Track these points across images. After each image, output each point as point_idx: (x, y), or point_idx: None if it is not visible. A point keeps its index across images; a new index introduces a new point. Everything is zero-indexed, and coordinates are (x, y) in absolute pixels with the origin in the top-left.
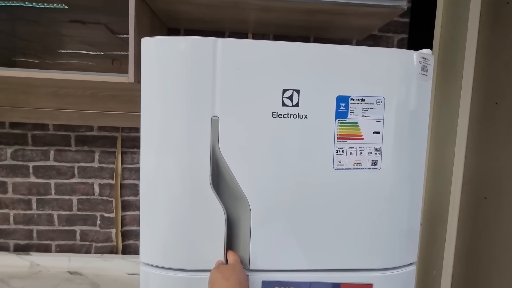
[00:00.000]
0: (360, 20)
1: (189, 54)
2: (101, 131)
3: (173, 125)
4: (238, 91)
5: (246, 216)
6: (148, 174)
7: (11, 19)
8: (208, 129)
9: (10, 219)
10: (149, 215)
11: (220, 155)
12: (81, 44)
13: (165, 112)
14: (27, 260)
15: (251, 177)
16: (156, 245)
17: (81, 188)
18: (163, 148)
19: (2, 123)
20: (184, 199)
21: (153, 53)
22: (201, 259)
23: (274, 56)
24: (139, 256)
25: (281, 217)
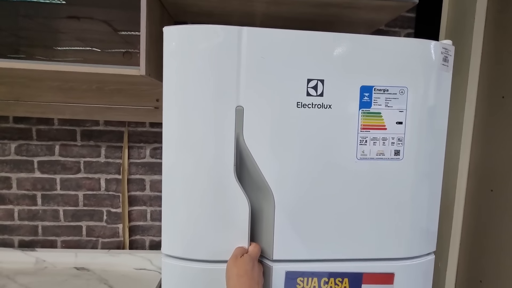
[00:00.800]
0: (369, 14)
1: (214, 43)
2: (107, 125)
3: (197, 116)
4: (262, 81)
5: (269, 207)
6: (170, 166)
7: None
8: (233, 119)
9: (15, 215)
10: (171, 207)
11: (245, 145)
12: (78, 41)
13: (188, 102)
14: (33, 256)
15: (275, 168)
16: (177, 236)
17: (87, 183)
18: (186, 139)
19: (5, 118)
20: (207, 190)
21: (176, 42)
22: (224, 250)
23: (299, 46)
24: (161, 248)
25: (305, 207)
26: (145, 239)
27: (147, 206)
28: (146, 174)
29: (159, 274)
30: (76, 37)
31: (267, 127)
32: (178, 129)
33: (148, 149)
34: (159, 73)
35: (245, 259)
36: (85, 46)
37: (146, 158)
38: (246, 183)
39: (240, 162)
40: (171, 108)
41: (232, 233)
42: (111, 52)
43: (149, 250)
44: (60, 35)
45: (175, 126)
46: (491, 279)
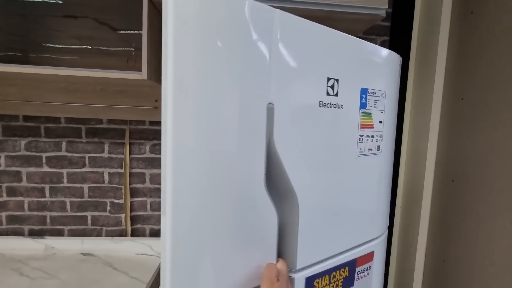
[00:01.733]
0: (346, 25)
1: (246, 21)
2: (110, 124)
3: (223, 113)
4: (291, 75)
5: (294, 216)
6: (185, 174)
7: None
8: (264, 119)
9: (25, 206)
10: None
11: (275, 149)
12: (74, 39)
13: (211, 95)
14: (42, 243)
15: (302, 173)
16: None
17: (91, 176)
18: (204, 142)
19: (16, 117)
20: (232, 203)
21: (193, 8)
22: (252, 274)
23: (323, 41)
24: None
25: (324, 210)
26: (145, 227)
27: (147, 198)
28: (146, 168)
29: (158, 259)
30: (72, 35)
31: (295, 128)
32: (195, 130)
33: (148, 145)
34: (158, 77)
35: (283, 284)
36: (81, 44)
37: (146, 154)
38: (274, 191)
39: (268, 168)
40: (182, 103)
41: (260, 251)
42: (107, 50)
43: (149, 237)
44: (56, 33)
45: (189, 126)
46: (452, 258)
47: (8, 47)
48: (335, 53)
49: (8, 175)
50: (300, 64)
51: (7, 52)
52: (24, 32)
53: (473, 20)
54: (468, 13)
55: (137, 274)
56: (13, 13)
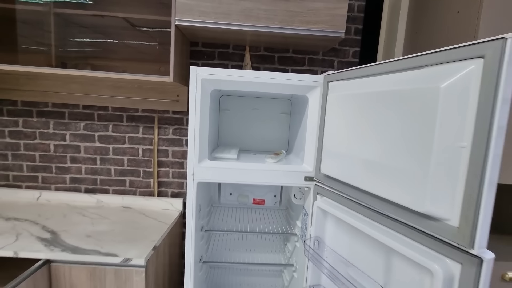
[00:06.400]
0: (316, 43)
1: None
2: (144, 112)
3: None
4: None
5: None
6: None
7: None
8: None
9: (82, 171)
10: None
11: None
12: (100, 34)
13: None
14: (94, 198)
15: None
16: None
17: (130, 151)
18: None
19: (77, 105)
20: None
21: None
22: None
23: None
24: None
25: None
26: (168, 190)
27: (169, 168)
28: (169, 146)
29: (177, 212)
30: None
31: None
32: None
33: (171, 129)
34: (181, 79)
35: None
36: (105, 39)
37: (170, 135)
38: None
39: None
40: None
41: None
42: (128, 43)
43: (170, 197)
44: (83, 29)
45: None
46: None
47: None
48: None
49: (71, 148)
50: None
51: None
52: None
53: (417, 38)
54: (413, 33)
55: (163, 219)
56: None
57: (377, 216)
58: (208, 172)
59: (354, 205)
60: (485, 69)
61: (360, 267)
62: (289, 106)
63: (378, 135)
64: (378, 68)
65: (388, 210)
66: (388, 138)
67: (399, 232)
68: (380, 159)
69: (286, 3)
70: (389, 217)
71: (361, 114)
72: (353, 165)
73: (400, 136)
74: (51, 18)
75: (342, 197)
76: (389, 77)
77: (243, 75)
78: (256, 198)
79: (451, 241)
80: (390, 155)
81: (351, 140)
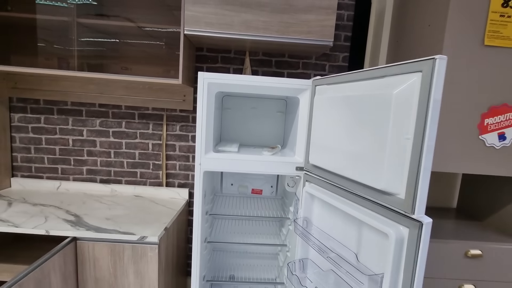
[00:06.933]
0: (309, 49)
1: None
2: (154, 110)
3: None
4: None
5: None
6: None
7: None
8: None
9: (98, 163)
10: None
11: None
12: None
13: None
14: (109, 187)
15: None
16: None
17: (141, 145)
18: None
19: (94, 104)
20: None
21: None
22: None
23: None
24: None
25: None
26: (175, 181)
27: (176, 161)
28: (176, 141)
29: (183, 200)
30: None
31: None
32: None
33: (178, 126)
34: (188, 81)
35: None
36: (100, 34)
37: (177, 131)
38: None
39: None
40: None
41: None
42: (125, 38)
43: (177, 187)
44: (101, 35)
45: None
46: None
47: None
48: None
49: (87, 142)
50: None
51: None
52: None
53: (398, 46)
54: (395, 41)
55: (171, 206)
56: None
57: (350, 196)
58: (212, 162)
59: (334, 188)
60: (422, 80)
61: (339, 239)
62: (284, 106)
63: (351, 130)
64: (352, 76)
65: (357, 189)
66: (358, 133)
67: (365, 207)
68: (353, 150)
69: (282, 15)
70: (359, 196)
71: (339, 113)
72: (333, 155)
73: (366, 130)
74: (74, 26)
75: (325, 182)
76: (360, 84)
77: (244, 79)
78: (254, 188)
79: (400, 210)
80: (359, 146)
81: (332, 135)
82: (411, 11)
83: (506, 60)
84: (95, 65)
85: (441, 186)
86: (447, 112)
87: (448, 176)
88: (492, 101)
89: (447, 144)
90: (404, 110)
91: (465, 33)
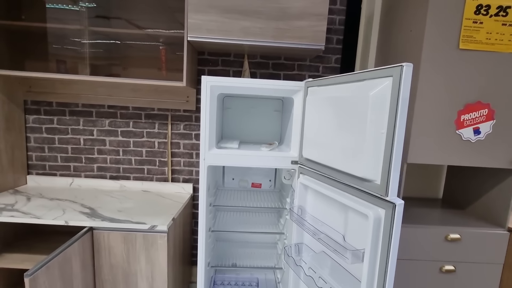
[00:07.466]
0: (300, 53)
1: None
2: (159, 111)
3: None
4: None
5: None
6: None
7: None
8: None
9: (108, 160)
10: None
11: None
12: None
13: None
14: (118, 183)
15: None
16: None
17: (147, 143)
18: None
19: (103, 105)
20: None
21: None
22: None
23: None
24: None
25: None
26: (180, 176)
27: (181, 158)
28: (181, 139)
29: (188, 194)
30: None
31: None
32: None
33: (182, 125)
34: (191, 83)
35: None
36: (109, 40)
37: (181, 130)
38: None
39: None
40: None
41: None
42: (131, 43)
43: (182, 182)
44: (111, 41)
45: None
46: None
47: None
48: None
49: (98, 141)
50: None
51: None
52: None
53: (385, 49)
54: (383, 44)
55: (177, 200)
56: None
57: (338, 184)
58: (215, 158)
59: (324, 179)
60: (393, 83)
61: (329, 224)
62: (281, 105)
63: (338, 126)
64: (338, 79)
65: (344, 178)
66: (343, 129)
67: (350, 193)
68: (339, 144)
69: (277, 22)
70: (344, 184)
71: (327, 111)
72: (323, 149)
73: (349, 127)
74: (86, 34)
75: (317, 174)
76: (344, 86)
77: (242, 82)
78: (254, 182)
79: (376, 194)
80: (344, 140)
81: (322, 131)
82: (396, 17)
83: (479, 61)
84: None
85: (428, 179)
86: (427, 109)
87: (434, 169)
88: (467, 99)
89: (428, 138)
90: (379, 109)
91: (442, 38)
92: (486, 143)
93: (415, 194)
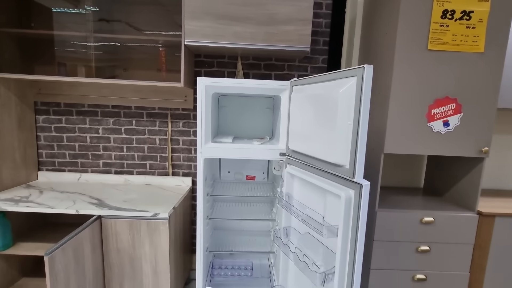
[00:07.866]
0: (287, 54)
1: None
2: (160, 110)
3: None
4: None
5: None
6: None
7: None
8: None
9: (112, 157)
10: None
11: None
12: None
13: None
14: (122, 178)
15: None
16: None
17: (149, 140)
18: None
19: (107, 105)
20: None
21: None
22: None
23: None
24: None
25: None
26: (179, 171)
27: (180, 153)
28: (180, 136)
29: (187, 187)
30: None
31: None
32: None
33: (180, 123)
34: (189, 84)
35: None
36: (110, 42)
37: (180, 127)
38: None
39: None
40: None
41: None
42: (132, 46)
43: (182, 176)
44: (114, 45)
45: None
46: None
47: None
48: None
49: (103, 139)
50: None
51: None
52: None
53: (366, 50)
54: (365, 45)
55: (177, 191)
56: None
57: (318, 171)
58: (211, 151)
59: (307, 167)
60: (357, 82)
61: (312, 207)
62: (272, 103)
63: (316, 120)
64: (316, 79)
65: (322, 165)
66: (321, 121)
67: (327, 178)
68: (318, 135)
69: (266, 27)
70: (323, 170)
71: (308, 107)
72: (305, 140)
73: (325, 119)
74: (92, 40)
75: (301, 163)
76: (320, 85)
77: (234, 82)
78: (248, 174)
79: (346, 176)
80: (321, 132)
81: (304, 125)
82: (374, 21)
83: (446, 61)
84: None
85: (410, 170)
86: (401, 104)
87: (415, 160)
88: (437, 94)
89: (402, 130)
90: (347, 104)
91: (412, 40)
92: (455, 134)
93: (398, 184)
